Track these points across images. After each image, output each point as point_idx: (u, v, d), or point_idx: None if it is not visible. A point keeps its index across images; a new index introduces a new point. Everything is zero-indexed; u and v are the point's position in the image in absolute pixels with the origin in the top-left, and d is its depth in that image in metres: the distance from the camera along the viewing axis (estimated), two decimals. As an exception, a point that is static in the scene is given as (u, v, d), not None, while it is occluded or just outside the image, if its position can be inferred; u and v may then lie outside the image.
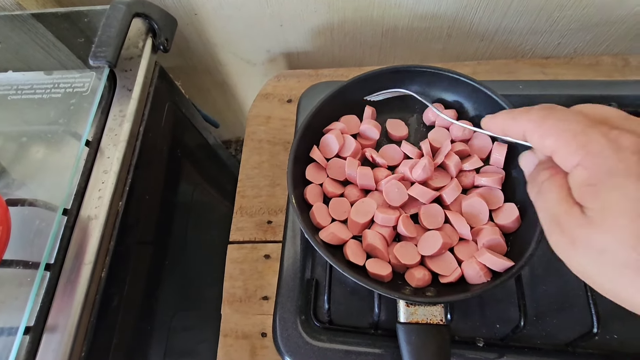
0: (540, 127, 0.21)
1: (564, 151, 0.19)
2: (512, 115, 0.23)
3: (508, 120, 0.23)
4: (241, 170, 0.57)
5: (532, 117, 0.21)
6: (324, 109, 0.42)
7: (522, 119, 0.22)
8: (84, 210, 0.37)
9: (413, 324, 0.31)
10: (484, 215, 0.36)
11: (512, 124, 0.23)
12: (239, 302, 0.49)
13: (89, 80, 0.41)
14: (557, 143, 0.20)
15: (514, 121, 0.22)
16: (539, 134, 0.21)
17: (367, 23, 0.62)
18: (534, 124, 0.21)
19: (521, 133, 0.22)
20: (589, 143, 0.18)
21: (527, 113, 0.22)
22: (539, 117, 0.21)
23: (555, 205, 0.20)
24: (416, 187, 0.37)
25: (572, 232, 0.19)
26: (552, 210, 0.20)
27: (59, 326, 0.33)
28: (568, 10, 0.57)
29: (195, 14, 0.62)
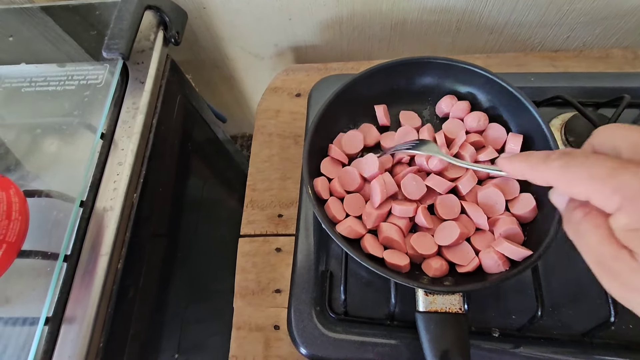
0: (564, 177, 0.20)
1: (599, 197, 0.19)
2: (530, 164, 0.22)
3: (527, 169, 0.22)
4: (251, 163, 0.57)
5: (552, 167, 0.20)
6: (337, 101, 0.42)
7: (541, 169, 0.21)
8: (100, 202, 0.37)
9: (432, 313, 0.31)
10: (501, 206, 0.36)
11: (532, 174, 0.22)
12: (251, 295, 0.49)
13: (103, 73, 0.40)
14: (588, 191, 0.19)
15: (534, 171, 0.22)
16: (564, 185, 0.20)
17: (376, 16, 0.62)
18: (555, 175, 0.20)
19: (544, 182, 0.21)
20: (622, 187, 0.18)
21: (546, 163, 0.21)
22: (559, 168, 0.20)
23: (599, 248, 0.19)
24: (432, 178, 0.37)
25: (626, 277, 0.18)
26: (596, 253, 0.19)
27: (77, 317, 0.33)
28: (577, 4, 0.57)
29: (204, 7, 0.62)
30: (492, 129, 0.41)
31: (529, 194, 0.36)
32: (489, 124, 0.41)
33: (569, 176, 0.20)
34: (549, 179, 0.21)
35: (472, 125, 0.41)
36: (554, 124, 0.48)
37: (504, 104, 0.41)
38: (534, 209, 0.35)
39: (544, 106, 0.48)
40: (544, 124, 0.37)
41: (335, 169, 0.41)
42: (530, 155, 0.22)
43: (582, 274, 0.40)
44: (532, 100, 0.48)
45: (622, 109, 0.43)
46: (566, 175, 0.20)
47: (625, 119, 0.47)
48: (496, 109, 0.42)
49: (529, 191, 0.37)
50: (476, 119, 0.40)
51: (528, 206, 0.35)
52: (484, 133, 0.41)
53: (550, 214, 0.33)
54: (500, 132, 0.40)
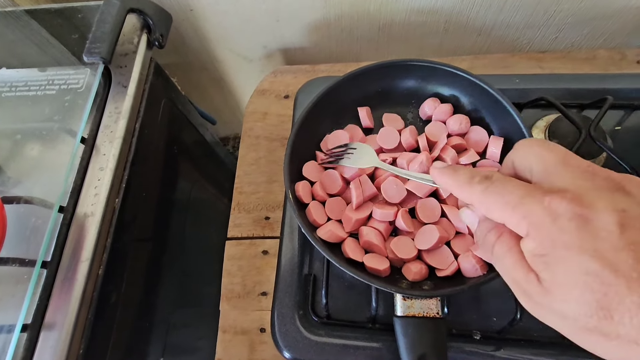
0: (484, 202, 0.21)
1: (511, 223, 0.20)
2: (457, 183, 0.23)
3: (454, 187, 0.23)
4: (238, 166, 0.57)
5: (474, 191, 0.22)
6: (320, 104, 0.41)
7: (465, 190, 0.22)
8: (81, 208, 0.37)
9: (410, 317, 0.31)
10: None
11: (458, 192, 0.23)
12: (237, 298, 0.49)
13: (84, 77, 0.40)
14: (502, 216, 0.20)
15: (460, 191, 0.23)
16: (484, 209, 0.21)
17: (364, 18, 0.62)
18: (477, 198, 0.22)
19: (468, 202, 0.23)
20: (529, 214, 0.19)
21: (470, 185, 0.22)
22: (480, 192, 0.21)
23: (513, 271, 0.20)
24: (413, 182, 0.37)
25: (535, 298, 0.19)
26: (511, 275, 0.21)
27: (56, 324, 0.33)
28: (565, 4, 0.57)
29: (190, 9, 0.62)
30: (474, 132, 0.41)
31: None
32: (471, 127, 0.41)
33: (487, 201, 0.21)
34: (472, 201, 0.22)
35: (453, 128, 0.41)
36: (538, 125, 0.48)
37: (486, 107, 0.41)
38: None
39: (528, 108, 0.48)
40: (524, 127, 0.37)
41: (318, 172, 0.41)
42: (457, 173, 0.23)
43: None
44: (516, 101, 0.48)
45: (605, 111, 0.43)
46: (486, 201, 0.21)
47: (609, 121, 0.47)
48: (479, 111, 0.42)
49: None
50: (458, 122, 0.40)
51: None
52: (466, 136, 0.41)
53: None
54: (482, 135, 0.40)
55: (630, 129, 0.47)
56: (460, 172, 0.23)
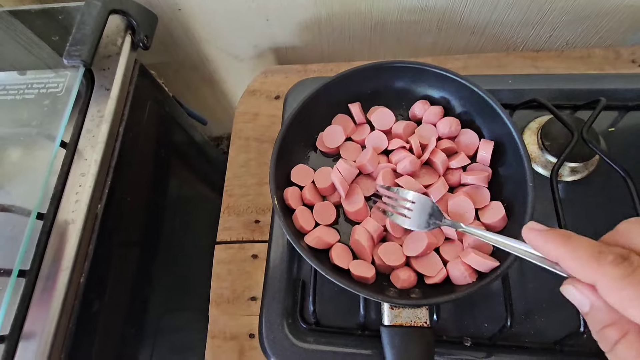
0: (622, 291, 0.17)
1: None
2: (576, 257, 0.19)
3: (571, 261, 0.19)
4: (228, 168, 0.56)
5: (608, 273, 0.17)
6: (308, 107, 0.41)
7: (593, 268, 0.18)
8: (61, 215, 0.36)
9: (397, 327, 0.31)
10: (470, 214, 0.35)
11: (579, 269, 0.19)
12: (226, 303, 0.48)
13: (64, 80, 0.39)
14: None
15: (582, 267, 0.18)
16: (620, 299, 0.17)
17: (356, 16, 0.60)
18: (613, 284, 0.17)
19: (590, 281, 0.18)
20: None
21: (600, 264, 0.18)
22: (619, 278, 0.17)
23: None
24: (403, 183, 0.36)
25: None
26: None
27: (35, 334, 0.32)
28: (559, 2, 0.56)
29: (179, 9, 0.60)
30: (465, 135, 0.40)
31: (498, 203, 0.35)
32: (462, 130, 0.40)
33: (625, 293, 0.17)
34: (599, 283, 0.18)
35: (444, 131, 0.40)
36: (531, 127, 0.47)
37: (476, 109, 0.40)
38: (503, 218, 0.34)
39: (521, 109, 0.47)
40: (514, 130, 0.36)
41: (307, 176, 0.40)
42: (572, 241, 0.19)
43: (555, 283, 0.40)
44: (510, 102, 0.47)
45: (598, 112, 0.42)
46: (622, 291, 0.17)
47: (603, 122, 0.47)
48: (469, 113, 0.41)
49: (500, 199, 0.36)
50: (448, 125, 0.39)
51: (497, 215, 0.34)
52: (457, 139, 0.40)
53: (519, 224, 0.32)
54: (472, 138, 0.39)
55: (624, 131, 0.46)
56: (576, 241, 0.19)
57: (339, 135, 0.41)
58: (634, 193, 0.37)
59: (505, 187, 0.37)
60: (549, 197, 0.39)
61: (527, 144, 0.45)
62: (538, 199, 0.34)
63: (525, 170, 0.34)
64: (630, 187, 0.38)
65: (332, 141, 0.41)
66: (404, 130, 0.40)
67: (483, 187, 0.36)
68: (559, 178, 0.44)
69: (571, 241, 0.19)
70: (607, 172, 0.43)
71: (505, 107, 0.46)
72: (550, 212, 0.40)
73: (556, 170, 0.40)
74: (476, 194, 0.36)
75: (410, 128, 0.41)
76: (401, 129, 0.40)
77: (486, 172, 0.37)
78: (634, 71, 0.54)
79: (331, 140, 0.41)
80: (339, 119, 0.43)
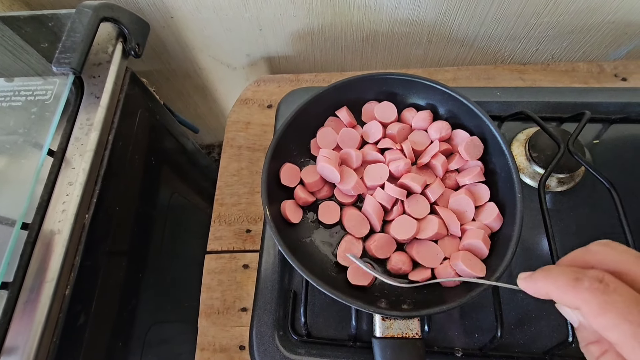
0: (601, 317, 0.18)
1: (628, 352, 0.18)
2: (557, 287, 0.20)
3: (554, 292, 0.20)
4: (219, 177, 0.55)
5: (586, 299, 0.19)
6: (301, 116, 0.41)
7: (572, 295, 0.19)
8: (47, 225, 0.35)
9: (388, 338, 0.31)
10: (471, 212, 0.36)
11: (562, 297, 0.20)
12: (216, 314, 0.47)
13: (52, 88, 0.39)
14: (620, 340, 0.18)
15: (564, 295, 0.20)
16: (599, 324, 0.18)
17: (348, 28, 0.61)
18: (590, 310, 0.19)
19: (574, 307, 0.20)
20: None
21: (577, 290, 0.19)
22: (596, 305, 0.18)
23: None
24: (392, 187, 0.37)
25: None
26: None
27: (18, 348, 0.31)
28: (544, 18, 0.58)
29: (171, 17, 0.60)
30: (457, 137, 0.40)
31: (492, 203, 0.36)
32: (453, 131, 0.41)
33: (605, 320, 0.18)
34: (580, 309, 0.19)
35: (435, 137, 0.40)
36: (518, 138, 0.48)
37: (465, 118, 0.41)
38: (498, 217, 0.35)
39: (509, 121, 0.48)
40: (502, 140, 0.37)
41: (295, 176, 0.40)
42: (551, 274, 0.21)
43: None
44: (498, 114, 0.48)
45: (583, 125, 0.43)
46: (602, 318, 0.18)
47: (588, 134, 0.48)
48: (456, 120, 0.42)
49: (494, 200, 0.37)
50: (438, 131, 0.40)
51: (491, 215, 0.35)
52: (450, 141, 0.41)
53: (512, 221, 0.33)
54: (464, 137, 0.40)
55: (608, 143, 0.47)
56: (554, 272, 0.20)
57: (331, 137, 0.41)
58: (618, 203, 0.38)
59: (496, 198, 0.37)
60: (537, 207, 0.40)
61: (515, 155, 0.46)
62: (526, 209, 0.34)
63: (514, 182, 0.34)
64: (614, 198, 0.39)
65: (325, 143, 0.42)
66: (398, 132, 0.41)
67: (480, 183, 0.37)
68: (547, 189, 0.44)
69: (551, 274, 0.21)
70: (593, 183, 0.44)
71: (494, 119, 0.47)
72: (538, 223, 0.41)
73: (544, 181, 0.40)
74: (475, 191, 0.37)
75: (404, 132, 0.42)
76: (395, 130, 0.41)
77: (478, 166, 0.38)
78: (616, 85, 0.56)
79: (324, 141, 0.42)
80: (330, 122, 0.43)
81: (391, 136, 0.41)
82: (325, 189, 0.40)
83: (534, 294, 0.22)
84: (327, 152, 0.39)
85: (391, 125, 0.41)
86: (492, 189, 0.37)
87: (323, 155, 0.38)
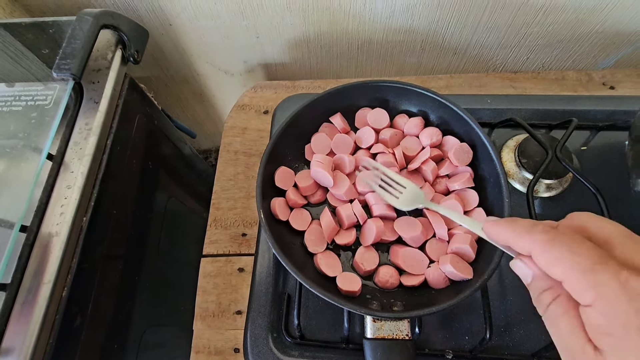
0: (547, 252, 0.20)
1: (575, 286, 0.19)
2: (516, 232, 0.21)
3: (512, 236, 0.22)
4: (216, 182, 0.56)
5: (536, 239, 0.20)
6: (296, 121, 0.42)
7: (526, 238, 0.21)
8: (45, 227, 0.36)
9: (379, 340, 0.31)
10: None
11: (516, 241, 0.21)
12: (211, 317, 0.48)
13: (52, 93, 0.39)
14: (565, 274, 0.19)
15: (519, 239, 0.21)
16: (545, 260, 0.20)
17: (343, 36, 0.63)
18: (540, 246, 0.20)
19: (526, 250, 0.21)
20: (600, 284, 0.18)
21: (531, 233, 0.21)
22: (545, 240, 0.20)
23: (568, 339, 0.19)
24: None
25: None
26: (566, 343, 0.19)
27: (14, 350, 0.31)
28: (535, 27, 0.59)
29: (170, 24, 0.62)
30: (448, 142, 0.41)
31: (481, 209, 0.37)
32: (444, 137, 0.42)
33: (550, 254, 0.19)
34: (532, 250, 0.20)
35: (426, 143, 0.41)
36: (508, 145, 0.49)
37: (455, 125, 0.42)
38: None
39: (499, 128, 0.49)
40: (490, 146, 0.38)
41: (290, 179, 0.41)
42: (515, 222, 0.22)
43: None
44: (488, 121, 0.50)
45: (570, 132, 0.45)
46: (548, 252, 0.19)
47: (576, 141, 0.49)
48: (448, 127, 0.43)
49: (483, 206, 0.38)
50: (429, 137, 0.41)
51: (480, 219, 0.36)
52: (441, 147, 0.42)
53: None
54: (455, 143, 0.41)
55: (595, 149, 0.48)
56: (518, 221, 0.22)
57: (325, 142, 0.42)
58: (604, 208, 0.39)
59: (485, 203, 0.38)
60: (526, 213, 0.41)
61: (505, 161, 0.47)
62: (515, 214, 0.35)
63: (502, 188, 0.35)
64: (600, 203, 0.40)
65: (319, 148, 0.43)
66: (391, 138, 0.42)
67: (470, 189, 0.38)
68: (535, 194, 0.45)
69: (515, 222, 0.22)
70: (580, 188, 0.45)
71: (484, 126, 0.48)
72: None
73: (532, 187, 0.41)
74: (465, 196, 0.38)
75: (396, 138, 0.43)
76: (388, 136, 0.42)
77: (468, 172, 0.38)
78: (604, 93, 0.57)
79: (318, 146, 0.43)
80: (324, 128, 0.44)
81: (383, 142, 0.42)
82: (318, 193, 0.41)
83: (495, 239, 0.23)
84: (321, 157, 0.39)
85: (384, 131, 0.42)
86: (481, 195, 0.38)
87: (317, 160, 0.39)
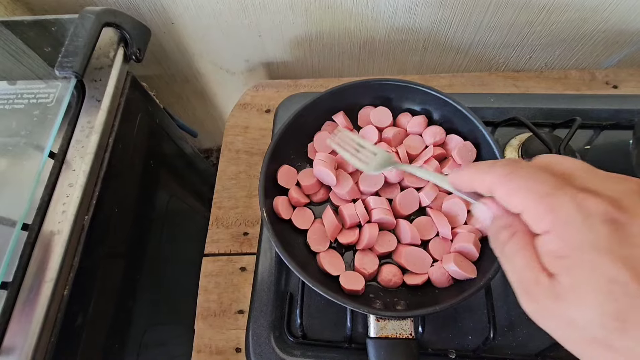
0: (507, 184, 0.20)
1: (532, 213, 0.19)
2: (477, 169, 0.22)
3: (474, 173, 0.22)
4: (218, 181, 0.56)
5: (497, 172, 0.20)
6: (299, 120, 0.42)
7: (487, 173, 0.21)
8: (47, 226, 0.35)
9: (382, 339, 0.31)
10: (463, 216, 0.37)
11: (478, 178, 0.21)
12: (213, 317, 0.48)
13: (54, 91, 0.39)
14: (524, 203, 0.19)
15: (480, 174, 0.21)
16: (505, 191, 0.20)
17: (345, 35, 0.62)
18: (500, 179, 0.20)
19: (487, 187, 0.21)
20: (557, 207, 0.18)
21: (492, 167, 0.21)
22: (504, 173, 0.20)
23: (522, 271, 0.19)
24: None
25: (542, 301, 0.18)
26: (520, 276, 0.19)
27: (15, 348, 0.31)
28: (537, 27, 0.59)
29: (172, 23, 0.61)
30: (451, 141, 0.41)
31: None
32: (447, 136, 0.42)
33: (510, 185, 0.19)
34: (493, 183, 0.20)
35: (429, 142, 0.41)
36: (512, 144, 0.49)
37: (458, 123, 0.42)
38: None
39: (502, 126, 0.49)
40: (494, 145, 0.37)
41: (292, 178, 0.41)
42: (477, 164, 0.22)
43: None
44: (491, 120, 0.49)
45: (574, 131, 0.44)
46: (508, 184, 0.20)
47: (579, 140, 0.49)
48: (450, 124, 0.43)
49: None
50: (433, 136, 0.41)
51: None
52: (444, 146, 0.42)
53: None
54: (458, 143, 0.41)
55: (599, 148, 0.48)
56: (480, 163, 0.22)
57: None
58: (609, 208, 0.39)
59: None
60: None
61: (509, 160, 0.47)
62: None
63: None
64: (605, 203, 0.39)
65: (322, 147, 0.42)
66: (394, 137, 0.42)
67: None
68: (539, 193, 0.45)
69: (476, 164, 0.22)
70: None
71: (487, 125, 0.48)
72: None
73: (536, 186, 0.41)
74: None
75: (399, 136, 0.43)
76: (391, 135, 0.42)
77: None
78: (607, 92, 0.57)
79: (321, 145, 0.42)
80: (327, 127, 0.44)
81: (387, 140, 0.42)
82: (321, 192, 0.41)
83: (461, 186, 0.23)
84: (324, 156, 0.39)
85: (387, 130, 0.42)
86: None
87: (320, 158, 0.39)
